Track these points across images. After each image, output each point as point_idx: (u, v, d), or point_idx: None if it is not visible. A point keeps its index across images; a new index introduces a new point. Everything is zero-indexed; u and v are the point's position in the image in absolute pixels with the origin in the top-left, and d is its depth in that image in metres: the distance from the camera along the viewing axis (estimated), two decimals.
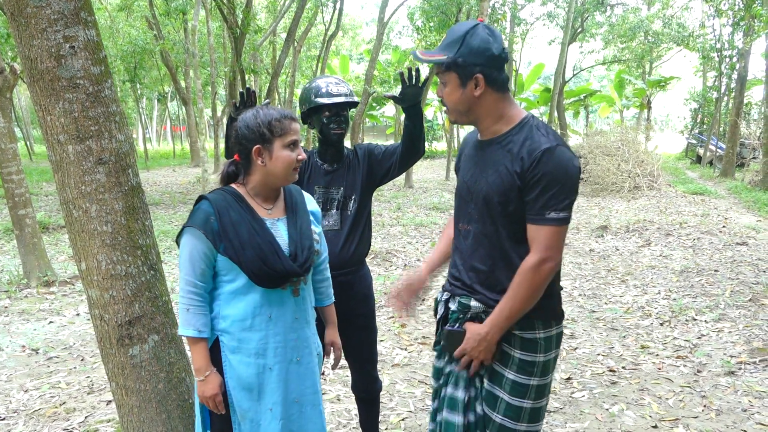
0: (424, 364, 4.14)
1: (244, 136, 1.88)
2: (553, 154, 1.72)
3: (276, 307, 1.92)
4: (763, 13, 10.48)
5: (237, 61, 11.70)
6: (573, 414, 3.39)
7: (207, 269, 1.86)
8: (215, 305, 1.92)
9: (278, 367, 1.93)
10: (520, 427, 1.87)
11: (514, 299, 1.78)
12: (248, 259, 1.83)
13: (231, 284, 1.89)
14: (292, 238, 1.95)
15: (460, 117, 1.89)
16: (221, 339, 1.91)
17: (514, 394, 1.86)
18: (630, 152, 14.34)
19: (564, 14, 19.83)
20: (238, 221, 1.86)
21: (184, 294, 1.85)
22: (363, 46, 33.90)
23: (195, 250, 1.83)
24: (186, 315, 1.85)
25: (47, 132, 2.05)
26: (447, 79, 1.83)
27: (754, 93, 22.04)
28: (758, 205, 11.17)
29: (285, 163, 1.89)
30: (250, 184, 1.95)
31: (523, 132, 1.80)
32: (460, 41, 1.78)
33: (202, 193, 1.95)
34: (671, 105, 51.58)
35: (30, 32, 1.95)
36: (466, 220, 1.96)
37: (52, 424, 3.33)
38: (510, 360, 1.86)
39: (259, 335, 1.90)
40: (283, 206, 2.02)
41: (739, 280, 6.05)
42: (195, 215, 1.86)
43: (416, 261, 7.29)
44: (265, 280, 1.87)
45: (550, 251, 1.74)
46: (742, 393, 3.59)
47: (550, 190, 1.72)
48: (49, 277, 6.16)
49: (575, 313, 5.24)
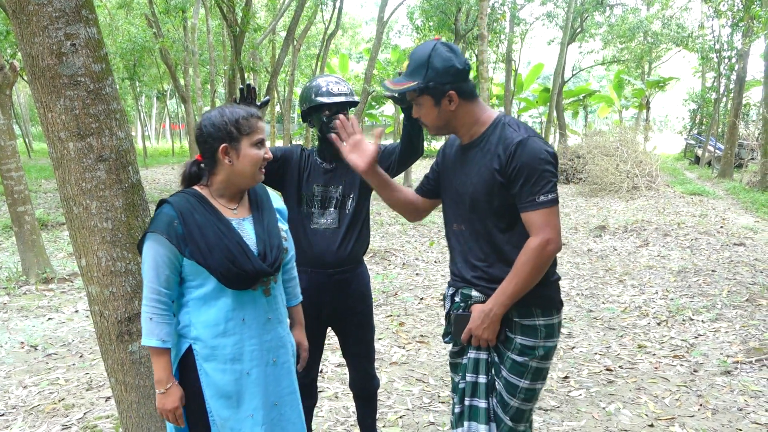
0: (422, 362, 4.16)
1: (209, 134, 1.82)
2: (526, 145, 1.84)
3: (249, 309, 1.87)
4: (762, 14, 10.50)
5: (236, 59, 11.69)
6: (570, 412, 3.41)
7: (172, 275, 1.80)
8: (183, 313, 1.86)
9: (256, 370, 1.88)
10: (513, 402, 1.97)
11: (517, 277, 1.86)
12: (216, 261, 1.78)
13: (199, 289, 1.84)
14: (260, 237, 1.90)
15: (440, 131, 2.01)
16: (194, 347, 1.84)
17: (513, 372, 1.96)
18: (629, 152, 14.37)
19: (563, 14, 19.86)
20: (203, 223, 1.81)
21: (147, 302, 1.78)
22: (362, 45, 33.91)
23: (159, 255, 1.77)
24: (149, 324, 1.78)
25: (48, 129, 2.05)
26: (422, 101, 1.94)
27: (753, 94, 22.08)
28: (756, 205, 11.20)
29: (252, 161, 1.84)
30: (214, 185, 1.90)
31: (497, 131, 1.93)
32: (425, 66, 1.88)
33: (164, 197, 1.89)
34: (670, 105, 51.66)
35: (31, 29, 1.95)
36: (459, 221, 2.06)
37: (50, 420, 3.34)
38: (512, 344, 1.96)
39: (233, 340, 1.84)
40: (248, 205, 1.98)
41: (736, 281, 6.07)
42: (157, 220, 1.80)
43: (414, 260, 7.30)
44: (235, 281, 1.82)
45: (549, 232, 1.84)
46: (738, 392, 3.61)
47: (533, 178, 1.83)
48: (48, 274, 6.17)
49: (573, 312, 5.26)
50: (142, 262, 1.81)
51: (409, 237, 8.87)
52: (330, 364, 4.09)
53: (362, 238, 2.56)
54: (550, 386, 3.74)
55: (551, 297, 1.98)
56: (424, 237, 8.83)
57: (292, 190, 2.51)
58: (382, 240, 8.59)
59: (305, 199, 2.50)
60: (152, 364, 1.81)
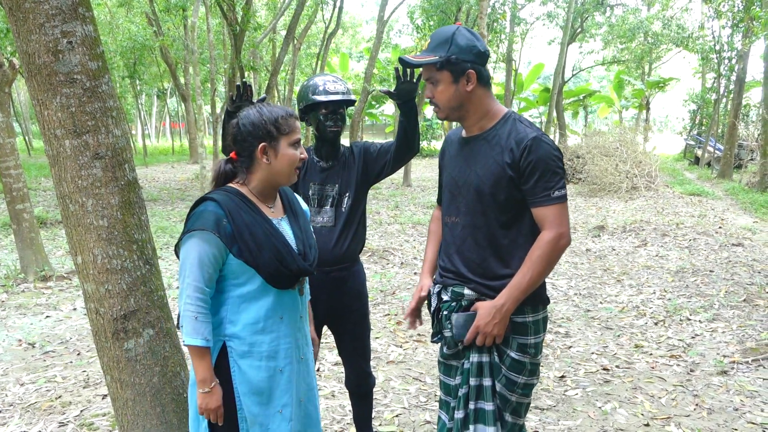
0: (419, 361, 4.16)
1: (249, 133, 1.81)
2: (541, 141, 1.87)
3: (287, 307, 1.90)
4: (762, 15, 10.51)
5: (236, 58, 11.70)
6: (566, 412, 3.41)
7: (215, 274, 1.79)
8: (222, 310, 1.84)
9: (288, 368, 1.90)
10: (513, 397, 2.00)
11: (532, 271, 1.88)
12: (265, 261, 1.78)
13: (242, 288, 1.82)
14: (298, 237, 1.93)
15: (451, 113, 1.99)
16: (229, 344, 1.84)
17: (512, 369, 1.98)
18: (628, 153, 14.37)
19: (564, 14, 19.84)
20: (252, 223, 1.80)
21: (192, 301, 1.74)
22: (363, 45, 33.91)
23: (205, 254, 1.74)
24: (194, 323, 1.74)
25: (44, 126, 2.06)
26: (440, 77, 1.93)
27: (753, 95, 22.05)
28: (755, 206, 11.20)
29: (290, 161, 1.84)
30: (252, 183, 1.88)
31: (507, 125, 1.94)
32: (449, 42, 1.90)
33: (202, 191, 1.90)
34: (670, 106, 51.65)
35: (28, 27, 1.96)
36: (454, 213, 2.05)
37: (47, 417, 3.35)
38: (510, 341, 1.98)
39: (270, 337, 1.85)
40: (281, 205, 1.99)
41: (734, 281, 6.08)
42: (203, 217, 1.76)
43: (413, 259, 7.31)
44: (281, 281, 1.83)
45: (562, 227, 1.87)
46: (734, 392, 3.61)
47: (547, 173, 1.86)
48: (47, 271, 6.18)
49: (570, 312, 5.27)
50: (182, 260, 1.77)
51: (408, 236, 8.87)
52: (327, 363, 4.10)
53: (358, 237, 2.57)
54: (546, 385, 3.75)
55: (539, 294, 2.00)
56: (423, 236, 8.83)
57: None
58: (381, 239, 8.59)
59: (301, 198, 2.50)
60: (195, 364, 1.78)
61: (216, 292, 1.84)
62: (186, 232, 1.77)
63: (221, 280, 1.83)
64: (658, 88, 26.13)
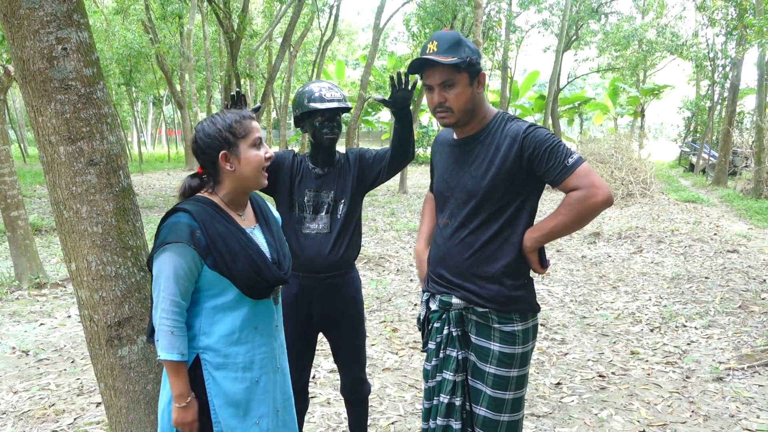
0: (414, 368, 4.15)
1: (207, 145, 1.79)
2: (536, 128, 1.88)
3: (262, 317, 1.88)
4: (755, 23, 10.58)
5: (232, 65, 11.70)
6: (562, 419, 3.40)
7: (191, 287, 1.76)
8: (195, 321, 1.81)
9: (264, 378, 1.88)
10: (503, 417, 1.96)
11: (559, 217, 1.87)
12: (240, 271, 1.76)
13: (216, 299, 1.80)
14: (272, 246, 1.91)
15: (465, 117, 1.95)
16: (203, 357, 1.81)
17: (496, 387, 1.94)
18: (623, 160, 14.43)
19: (559, 22, 19.96)
20: (226, 233, 1.77)
21: (167, 315, 1.72)
22: (359, 52, 33.97)
23: (181, 267, 1.71)
24: (170, 338, 1.72)
25: (39, 133, 2.05)
26: (458, 79, 1.89)
27: (747, 102, 22.20)
28: (750, 213, 11.24)
29: (255, 163, 1.81)
30: (221, 192, 1.85)
31: (500, 125, 1.95)
32: (461, 44, 1.88)
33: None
34: (665, 113, 51.93)
35: (22, 33, 1.96)
36: (447, 216, 2.04)
37: (41, 425, 3.33)
38: (490, 354, 1.94)
39: (246, 348, 1.83)
40: (253, 214, 1.97)
41: (729, 287, 6.09)
42: (177, 229, 1.72)
43: (409, 266, 7.30)
44: (257, 291, 1.81)
45: (592, 182, 1.82)
46: (730, 399, 3.61)
47: (553, 150, 1.84)
48: (41, 279, 6.15)
49: (566, 318, 5.27)
50: (157, 273, 1.74)
51: (404, 243, 8.87)
52: (323, 370, 4.08)
53: (353, 243, 2.56)
54: (542, 392, 3.74)
55: (528, 300, 1.99)
56: None
57: (284, 195, 2.51)
58: (377, 246, 8.59)
59: (297, 204, 2.50)
60: (172, 379, 1.75)
61: (190, 304, 1.81)
62: (160, 245, 1.73)
63: (195, 292, 1.81)
64: (652, 95, 26.25)
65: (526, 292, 1.98)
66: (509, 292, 1.94)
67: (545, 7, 20.88)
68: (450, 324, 2.01)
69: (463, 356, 2.01)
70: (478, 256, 1.95)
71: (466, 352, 2.02)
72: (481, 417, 1.98)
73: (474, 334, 2.00)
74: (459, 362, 1.99)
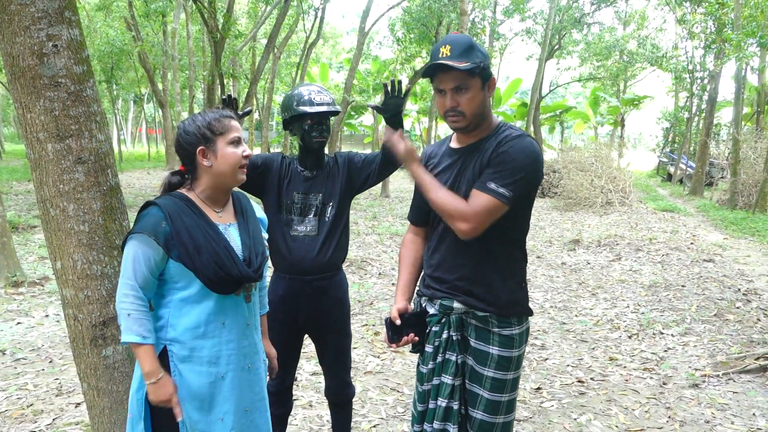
0: (396, 372, 4.16)
1: (186, 141, 1.87)
2: (517, 140, 1.88)
3: (230, 313, 1.90)
4: (734, 37, 10.80)
5: (216, 65, 11.64)
6: (542, 423, 3.44)
7: (150, 276, 1.80)
8: (163, 313, 1.86)
9: (231, 375, 1.90)
10: (499, 419, 1.99)
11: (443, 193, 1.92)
12: (204, 264, 1.80)
13: (183, 291, 1.84)
14: (245, 243, 1.93)
15: (474, 120, 1.95)
16: (170, 348, 1.84)
17: (494, 390, 1.97)
18: (603, 168, 14.60)
19: (542, 31, 20.17)
20: (192, 226, 1.82)
21: (123, 298, 1.77)
22: (343, 55, 34.01)
23: (140, 254, 1.77)
24: (127, 320, 1.76)
25: (27, 130, 2.04)
26: (472, 84, 1.89)
27: (724, 114, 22.65)
28: (725, 223, 11.45)
29: (231, 160, 1.87)
30: (199, 188, 1.92)
31: (498, 134, 1.95)
32: (474, 48, 1.88)
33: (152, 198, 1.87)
34: (644, 123, 52.60)
35: (13, 29, 1.94)
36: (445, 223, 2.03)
37: (18, 425, 3.28)
38: (489, 358, 1.97)
39: (211, 342, 1.86)
40: (233, 211, 2.00)
41: (705, 296, 6.20)
42: (143, 220, 1.80)
43: (391, 269, 7.32)
44: (220, 286, 1.83)
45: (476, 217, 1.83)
46: (706, 405, 3.68)
47: (501, 166, 1.85)
48: (18, 277, 6.05)
49: (546, 324, 5.32)
50: (123, 261, 1.80)
51: (386, 247, 8.89)
52: (305, 373, 4.08)
53: (341, 246, 2.57)
54: (522, 397, 3.78)
55: (524, 305, 2.03)
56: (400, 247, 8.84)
57: (273, 197, 2.52)
58: (359, 249, 8.59)
59: (285, 206, 2.50)
60: (138, 360, 1.79)
61: (158, 296, 1.87)
62: (126, 235, 1.83)
63: (162, 284, 1.86)
64: (632, 105, 26.63)
65: (523, 296, 2.02)
66: (509, 297, 1.98)
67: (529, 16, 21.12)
68: (450, 328, 2.02)
69: (461, 360, 2.03)
70: (480, 260, 1.97)
71: (465, 356, 2.04)
72: (477, 420, 2.00)
73: (473, 338, 2.01)
74: (458, 366, 2.01)
